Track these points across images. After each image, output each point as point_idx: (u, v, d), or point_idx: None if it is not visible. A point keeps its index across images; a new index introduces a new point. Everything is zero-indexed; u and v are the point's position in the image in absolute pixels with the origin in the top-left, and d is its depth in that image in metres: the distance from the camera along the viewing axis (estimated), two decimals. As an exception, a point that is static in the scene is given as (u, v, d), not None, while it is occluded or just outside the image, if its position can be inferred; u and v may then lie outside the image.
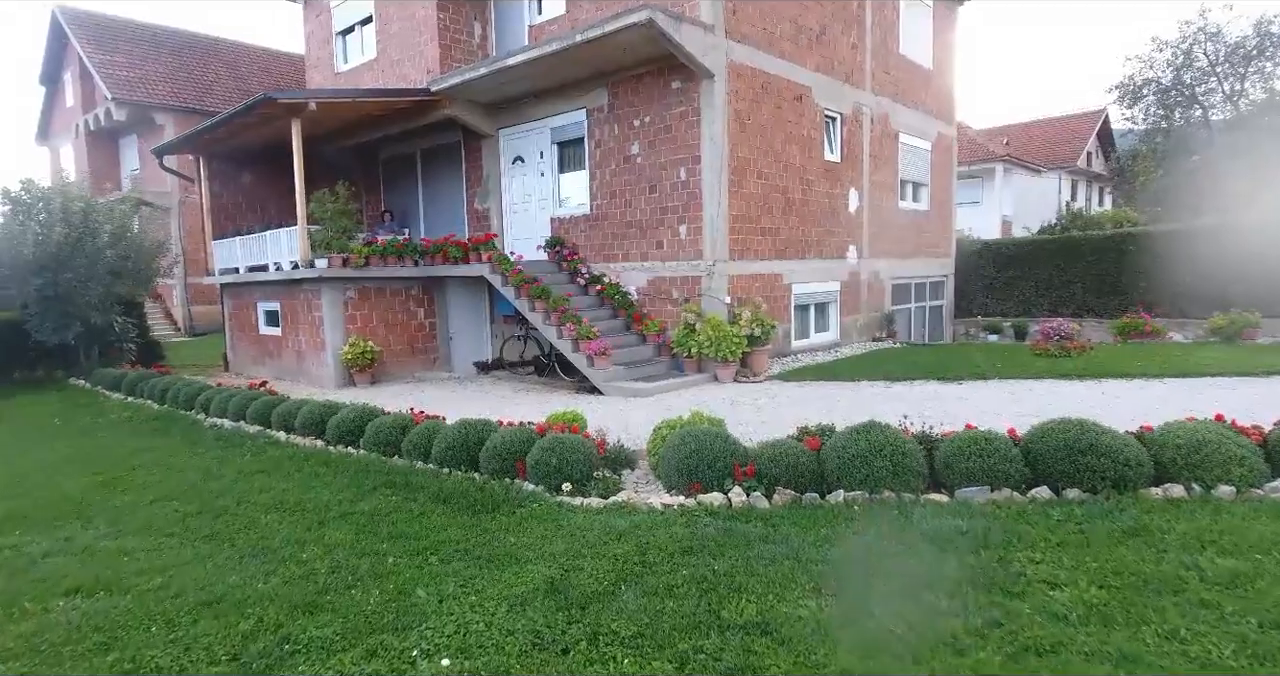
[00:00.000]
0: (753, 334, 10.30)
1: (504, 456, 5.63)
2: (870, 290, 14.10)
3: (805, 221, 12.16)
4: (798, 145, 11.87)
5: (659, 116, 10.83)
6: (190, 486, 6.31)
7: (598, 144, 11.72)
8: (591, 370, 9.84)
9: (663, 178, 10.87)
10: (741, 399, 8.91)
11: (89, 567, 4.53)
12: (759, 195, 11.10)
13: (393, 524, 4.97)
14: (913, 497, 4.67)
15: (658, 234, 11.03)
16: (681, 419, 5.76)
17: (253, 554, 4.59)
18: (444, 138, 14.18)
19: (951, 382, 9.34)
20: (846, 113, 13.05)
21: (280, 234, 12.18)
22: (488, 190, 13.61)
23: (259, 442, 7.83)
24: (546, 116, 12.44)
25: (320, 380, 11.96)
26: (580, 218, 12.14)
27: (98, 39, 25.17)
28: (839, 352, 12.55)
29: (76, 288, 13.41)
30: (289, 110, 11.12)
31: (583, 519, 4.78)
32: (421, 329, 12.87)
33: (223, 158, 14.58)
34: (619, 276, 11.54)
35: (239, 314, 14.36)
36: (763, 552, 4.07)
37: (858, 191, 13.54)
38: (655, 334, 10.82)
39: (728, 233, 10.54)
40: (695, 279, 10.64)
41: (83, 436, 8.98)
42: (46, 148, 30.36)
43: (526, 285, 10.65)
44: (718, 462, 4.96)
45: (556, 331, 10.27)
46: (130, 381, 12.01)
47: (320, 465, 6.64)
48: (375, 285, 12.11)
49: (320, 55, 15.69)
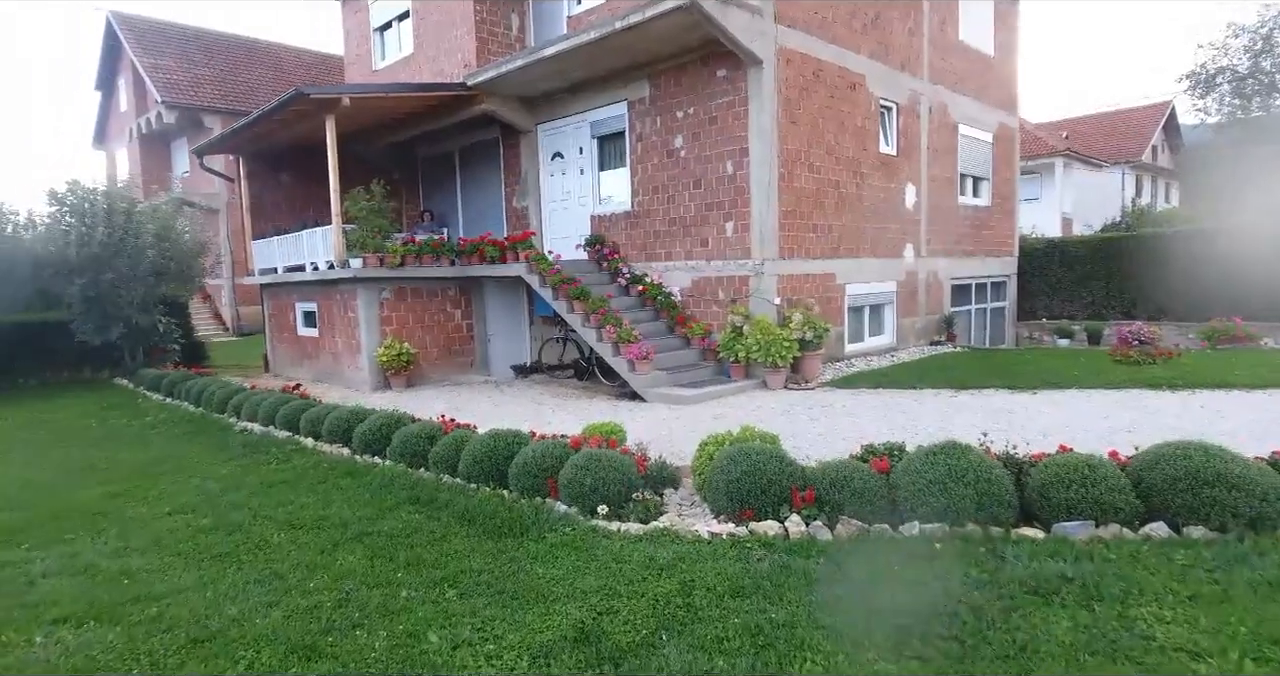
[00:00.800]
0: (804, 337, 9.65)
1: (535, 473, 5.13)
2: (928, 291, 13.30)
3: (859, 218, 11.45)
4: (851, 137, 11.17)
5: (704, 107, 10.26)
6: (208, 497, 5.98)
7: (639, 137, 11.20)
8: (632, 375, 9.32)
9: (708, 172, 10.29)
10: (793, 408, 8.29)
11: (85, 591, 4.17)
12: (810, 190, 10.45)
13: (411, 548, 4.51)
14: (1001, 532, 4.03)
15: (702, 231, 10.46)
16: (731, 434, 5.20)
17: (258, 580, 4.18)
18: (481, 135, 13.82)
19: (1024, 392, 8.56)
20: (903, 102, 12.29)
21: (316, 233, 11.95)
22: (526, 188, 13.21)
23: (285, 450, 7.50)
24: (586, 110, 11.96)
25: (355, 383, 11.68)
26: (621, 215, 11.63)
27: (148, 43, 25.63)
28: (895, 357, 11.80)
29: (119, 288, 13.43)
30: (322, 106, 10.85)
31: (619, 548, 4.26)
32: (458, 330, 12.52)
33: (262, 158, 14.47)
34: (661, 276, 11.00)
35: (278, 315, 14.22)
36: (828, 597, 3.49)
37: (915, 186, 12.75)
38: (700, 337, 10.24)
39: (777, 230, 9.91)
40: (742, 279, 10.04)
41: (114, 440, 8.80)
42: (103, 152, 31.11)
43: (565, 285, 10.18)
44: (773, 487, 4.38)
45: (596, 334, 9.78)
46: (169, 383, 11.91)
47: (344, 476, 6.25)
48: (411, 285, 11.79)
49: (359, 53, 15.50)
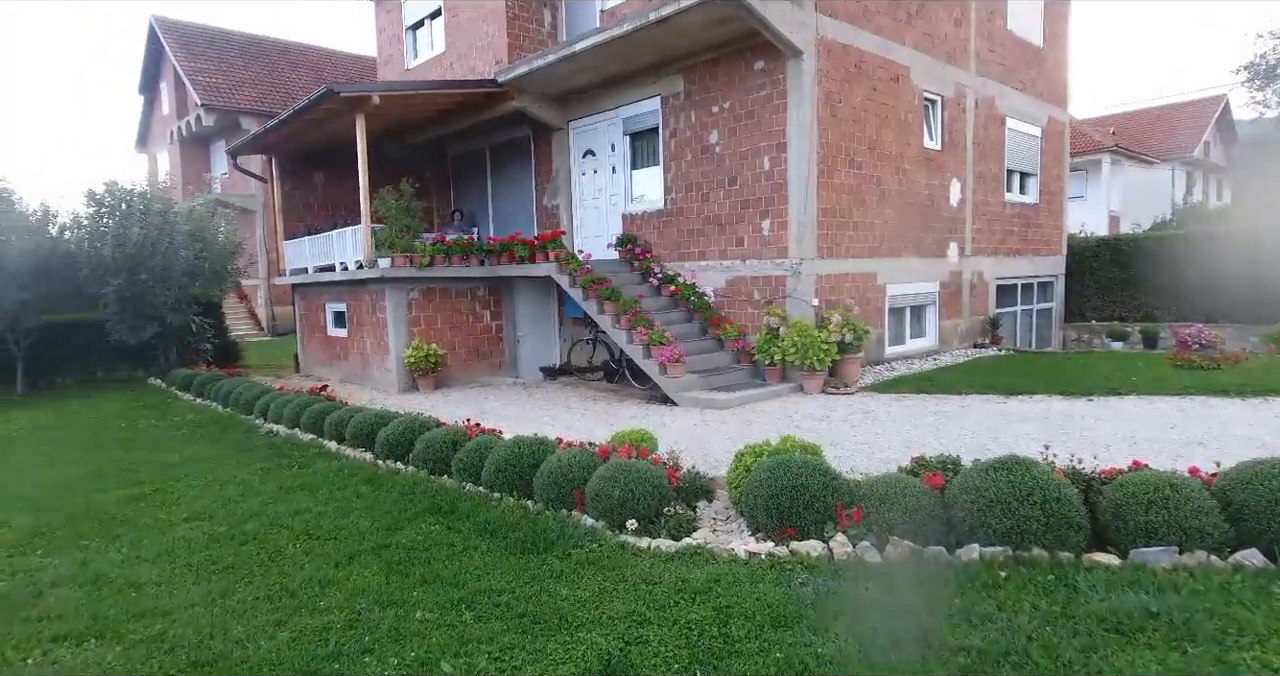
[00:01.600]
0: (843, 340, 9.25)
1: (560, 484, 4.85)
2: (973, 291, 12.76)
3: (902, 215, 10.99)
4: (894, 131, 10.72)
5: (740, 101, 9.91)
6: (226, 503, 5.81)
7: (673, 134, 10.89)
8: (664, 378, 9.01)
9: (744, 168, 9.94)
10: (832, 414, 7.90)
11: (90, 605, 3.99)
12: (851, 186, 10.03)
13: (429, 563, 4.26)
14: (1072, 558, 3.64)
15: (738, 230, 10.11)
16: (769, 444, 4.86)
17: (268, 596, 3.96)
18: (512, 132, 13.63)
19: (1079, 398, 8.06)
20: (948, 95, 11.79)
21: (346, 233, 11.85)
22: (557, 186, 12.98)
23: (308, 453, 7.34)
24: (618, 106, 11.69)
25: (383, 384, 11.55)
26: (653, 213, 11.33)
27: (189, 47, 26.03)
28: (938, 360, 11.31)
29: (153, 288, 13.49)
30: (352, 104, 10.73)
31: (649, 567, 3.95)
32: (487, 331, 12.33)
33: (295, 158, 14.47)
34: (694, 276, 10.67)
35: (309, 315, 14.19)
36: (879, 630, 3.14)
37: (960, 182, 12.24)
38: (734, 339, 9.89)
39: (815, 228, 9.52)
40: (779, 279, 9.66)
41: (141, 441, 8.73)
42: (145, 154, 31.73)
43: (595, 286, 9.91)
44: (816, 503, 4.04)
45: (626, 336, 9.49)
46: (200, 383, 11.91)
47: (364, 483, 6.04)
48: (440, 286, 11.63)
49: (391, 52, 15.43)
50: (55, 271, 13.15)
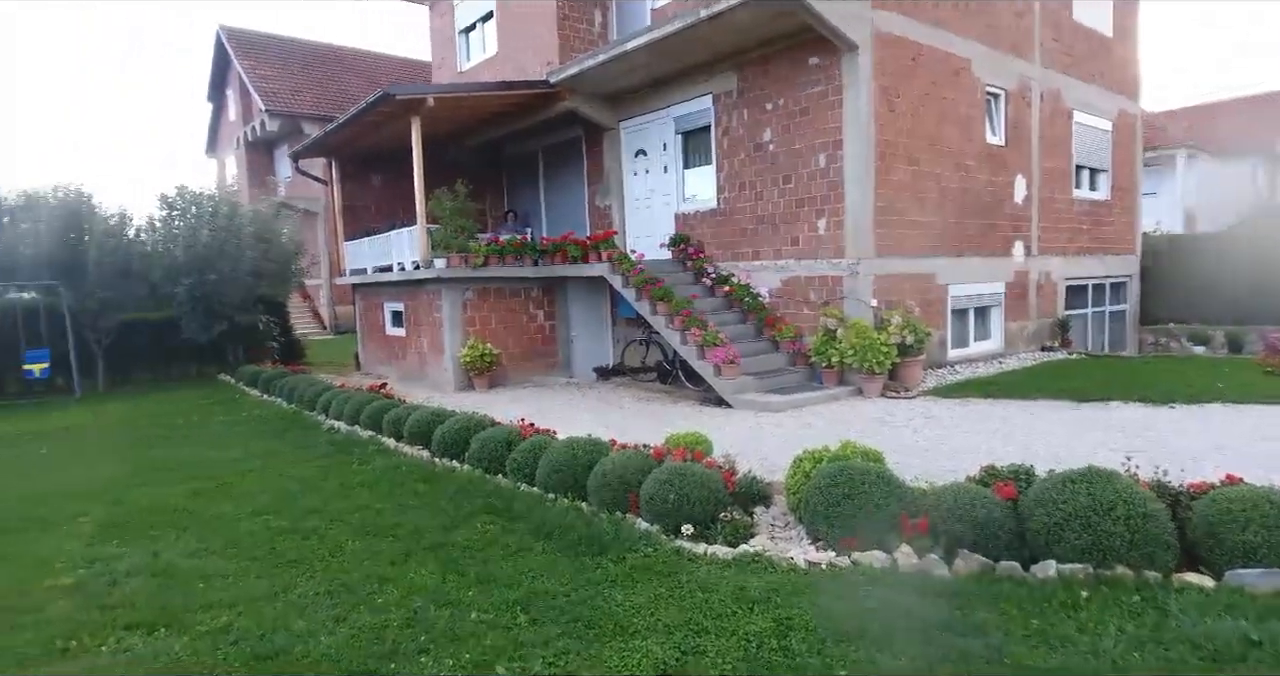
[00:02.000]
0: (903, 342, 8.99)
1: (614, 487, 4.80)
2: (1040, 292, 12.28)
3: (964, 213, 10.64)
4: (954, 126, 10.38)
5: (794, 98, 9.73)
6: (289, 498, 5.94)
7: (725, 132, 10.76)
8: (718, 380, 8.90)
9: (798, 166, 9.76)
10: (892, 418, 7.68)
11: (161, 595, 4.11)
12: (909, 184, 9.75)
13: (484, 562, 4.26)
14: (1160, 578, 3.42)
15: (793, 229, 9.93)
16: (828, 449, 4.72)
17: (328, 591, 4.01)
18: (564, 133, 13.68)
19: (1159, 405, 7.65)
20: (1011, 88, 11.37)
21: (403, 234, 12.06)
22: (609, 186, 12.97)
23: (368, 450, 7.47)
24: (669, 105, 11.61)
25: (440, 383, 11.72)
26: (706, 213, 11.22)
27: (253, 54, 26.94)
28: (1003, 364, 10.92)
29: (221, 288, 13.98)
30: (408, 107, 10.91)
31: (706, 574, 3.87)
32: (541, 331, 12.40)
33: (354, 161, 14.81)
34: (748, 276, 10.52)
35: (369, 314, 14.51)
36: (948, 649, 2.99)
37: (1025, 179, 11.79)
38: (789, 341, 9.72)
39: (873, 226, 9.27)
40: (836, 279, 9.45)
41: (209, 437, 9.03)
42: (214, 159, 32.97)
43: (648, 286, 9.86)
44: (879, 512, 3.90)
45: (680, 337, 9.41)
46: (265, 380, 12.29)
47: (421, 481, 6.10)
48: (494, 286, 11.74)
49: (444, 55, 15.66)
50: (132, 272, 13.74)
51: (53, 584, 4.39)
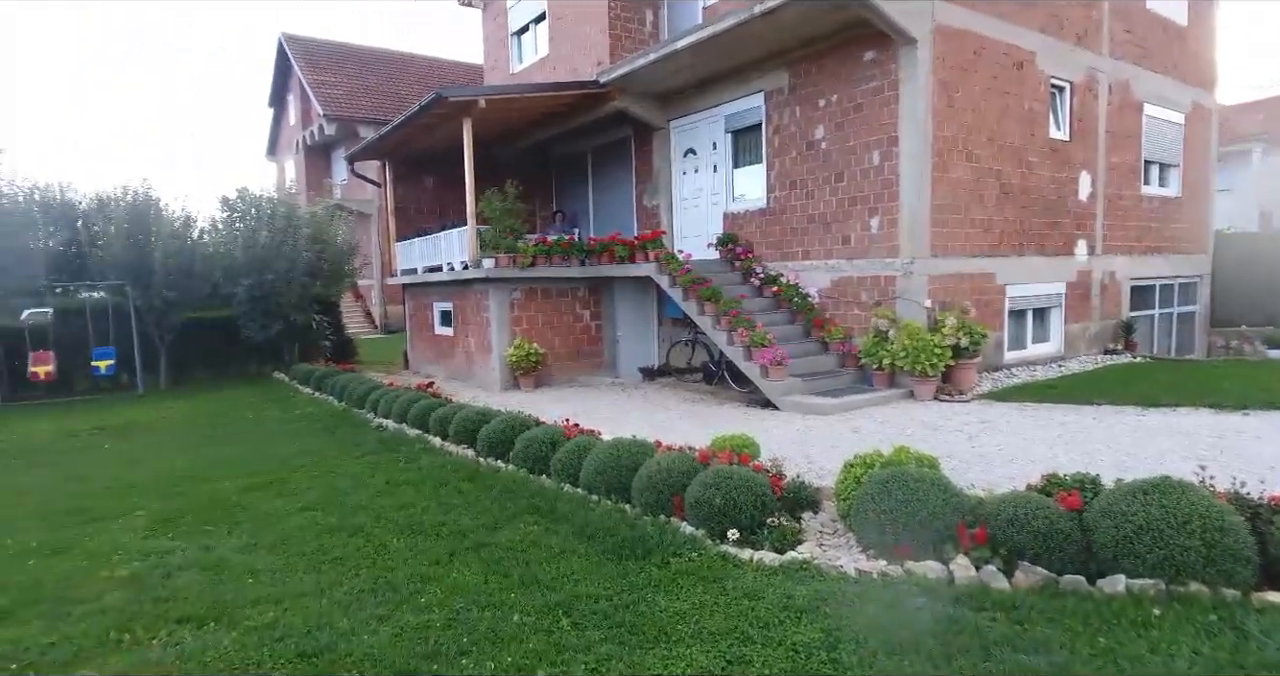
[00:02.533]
0: (958, 344, 8.70)
1: (659, 489, 4.73)
2: (1103, 293, 11.78)
3: (1024, 211, 10.26)
4: (1016, 121, 10.01)
5: (848, 94, 9.51)
6: (337, 495, 6.02)
7: (776, 130, 10.59)
8: (765, 381, 8.75)
9: (851, 164, 9.53)
10: (946, 422, 7.43)
11: (212, 590, 4.19)
12: (968, 181, 9.44)
13: (526, 564, 4.23)
14: (1238, 596, 3.19)
15: (844, 228, 9.71)
16: (881, 454, 4.56)
17: (373, 590, 4.03)
18: (614, 134, 13.67)
19: (1232, 412, 7.23)
20: (1077, 81, 10.92)
21: (453, 234, 12.20)
22: (657, 186, 12.91)
23: (414, 449, 7.55)
24: (719, 103, 11.49)
25: (486, 382, 11.82)
26: (755, 212, 11.06)
27: (313, 61, 27.67)
28: (1063, 367, 10.49)
29: (278, 288, 14.37)
30: (460, 109, 11.02)
31: (752, 581, 3.76)
32: (587, 331, 12.41)
33: (407, 162, 15.06)
34: (798, 277, 10.33)
35: (418, 314, 14.73)
36: (1008, 666, 2.84)
37: (1090, 175, 11.32)
38: (839, 342, 9.51)
39: (929, 225, 9.00)
40: (889, 279, 9.21)
41: (263, 433, 9.27)
42: (274, 163, 34.01)
43: (695, 286, 9.76)
44: (935, 521, 3.74)
45: (727, 337, 9.29)
46: (318, 378, 12.56)
47: (465, 480, 6.12)
48: (541, 286, 11.79)
49: (497, 57, 15.81)
50: (195, 272, 14.21)
51: (109, 575, 4.51)
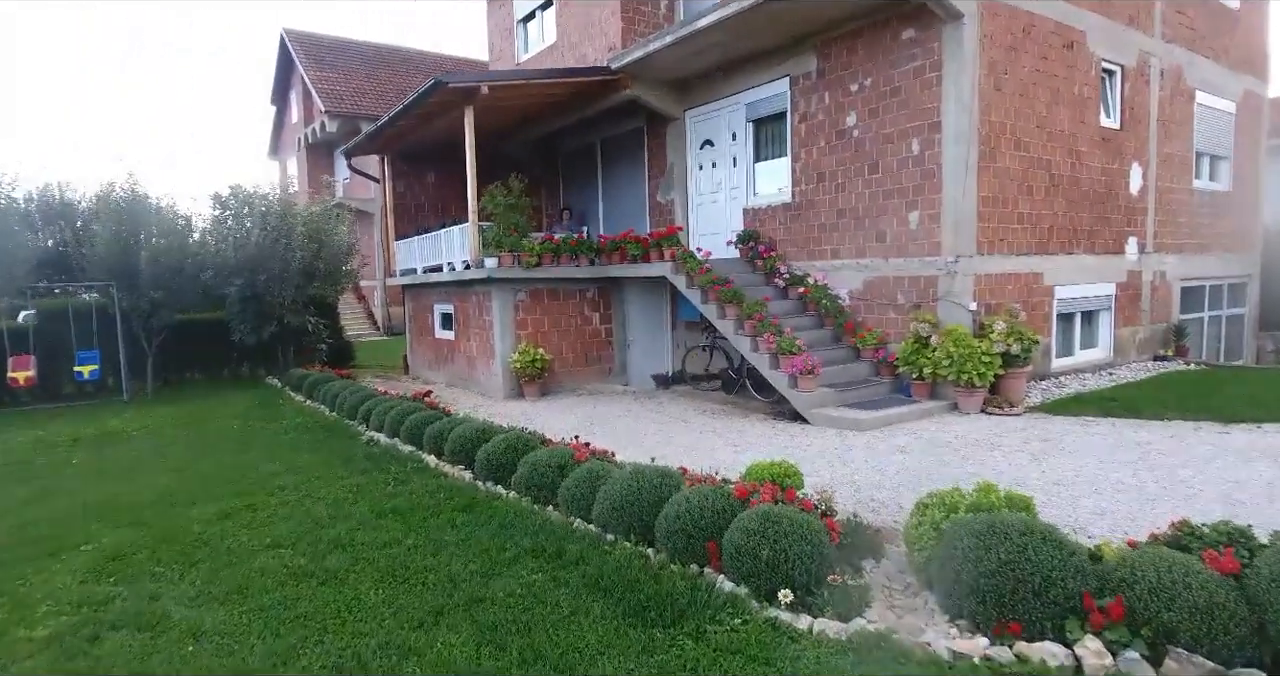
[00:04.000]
0: (1008, 351, 7.87)
1: (690, 533, 3.91)
2: (1154, 294, 10.91)
3: (1074, 206, 9.41)
4: (1067, 107, 9.17)
5: (884, 77, 8.68)
6: (314, 527, 5.23)
7: (802, 118, 9.77)
8: (794, 392, 7.93)
9: (887, 154, 8.70)
10: (1002, 440, 6.59)
11: (140, 659, 3.41)
12: (1016, 172, 8.60)
13: (529, 630, 3.42)
14: None
15: (879, 224, 8.88)
16: (960, 493, 3.73)
17: (335, 666, 3.23)
18: (625, 125, 12.87)
19: (1332, 430, 6.38)
20: (1129, 65, 10.07)
21: (454, 232, 11.44)
22: (671, 180, 12.10)
23: (405, 468, 6.75)
24: (740, 90, 10.67)
25: (489, 390, 11.03)
26: (779, 207, 10.24)
27: (315, 56, 26.98)
28: (1114, 375, 9.64)
29: (271, 288, 13.62)
30: (461, 97, 10.24)
31: (814, 661, 2.95)
32: (596, 336, 11.60)
33: (407, 157, 14.30)
34: (826, 277, 9.51)
35: (418, 316, 13.97)
36: None
37: (1140, 167, 10.46)
38: (873, 348, 8.68)
39: (975, 220, 8.17)
40: (929, 280, 8.37)
41: (247, 445, 8.49)
42: (276, 162, 33.35)
43: (715, 287, 8.95)
44: (1052, 587, 2.91)
45: (750, 343, 8.47)
46: (310, 384, 11.80)
47: (460, 510, 5.32)
48: (547, 287, 11.00)
49: (502, 47, 15.03)
50: (184, 272, 13.46)
51: (28, 635, 3.74)
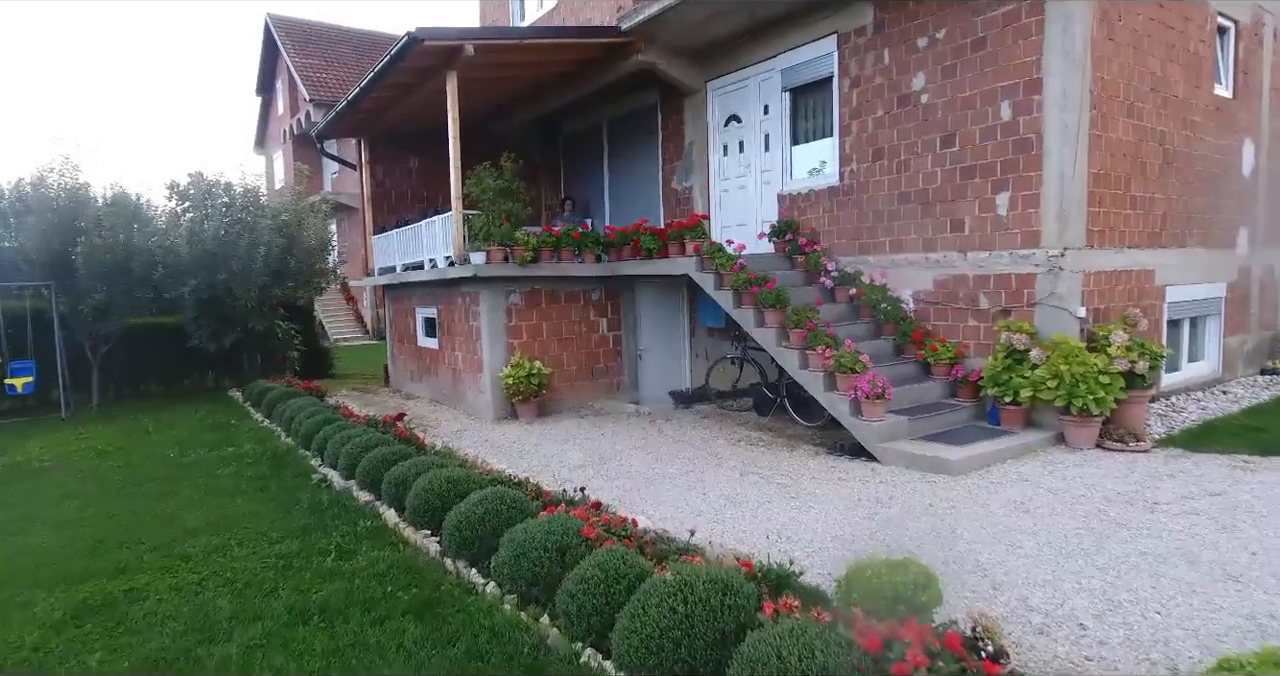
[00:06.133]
0: (1132, 370, 6.19)
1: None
2: (1263, 296, 9.24)
3: (1188, 188, 7.74)
4: (1181, 67, 7.49)
5: (963, 27, 7.01)
6: (202, 638, 3.58)
7: (854, 83, 8.09)
8: (857, 420, 6.25)
9: (967, 121, 7.03)
10: (1154, 493, 4.90)
11: None
12: (1130, 145, 6.92)
13: None
14: None
15: (955, 209, 7.20)
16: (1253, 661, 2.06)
17: None
18: (636, 100, 11.19)
19: None
20: (1244, 20, 8.39)
21: (435, 222, 9.77)
22: (690, 163, 10.42)
23: (356, 528, 5.09)
24: (775, 55, 8.99)
25: (477, 408, 9.36)
26: (823, 191, 8.56)
27: (301, 43, 25.45)
28: (1231, 394, 7.95)
29: (233, 290, 11.96)
30: (443, 59, 8.57)
31: None
32: (603, 343, 9.92)
33: (386, 139, 12.64)
34: (884, 275, 7.83)
35: (399, 321, 12.31)
36: None
37: (1253, 143, 8.78)
38: (946, 363, 7.02)
39: (1085, 204, 6.49)
40: (1024, 279, 6.69)
41: (177, 483, 6.80)
42: (263, 156, 31.69)
43: (753, 288, 7.26)
44: None
45: (799, 357, 6.79)
46: (270, 401, 10.10)
47: (414, 615, 3.65)
48: (546, 287, 9.32)
49: (495, 16, 13.36)
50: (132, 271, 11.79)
51: None
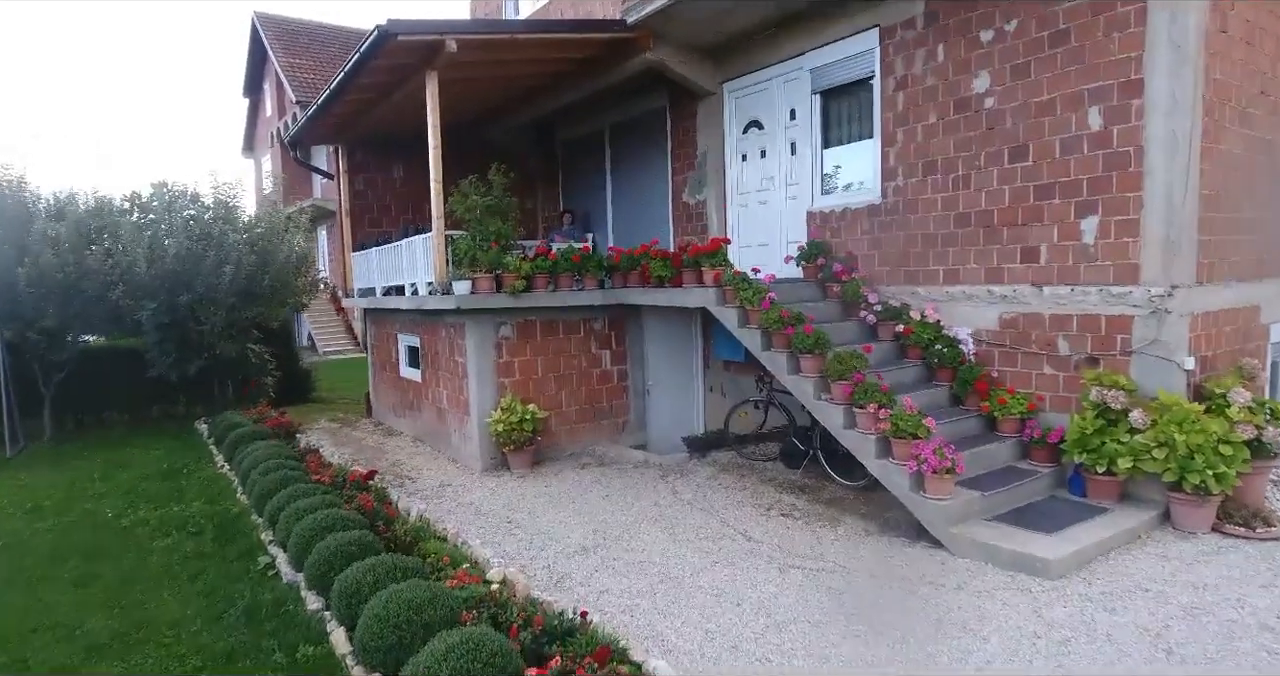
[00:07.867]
0: (1259, 437, 5.05)
1: None
2: (1361, 329, 8.09)
3: (1293, 208, 6.62)
4: (1288, 66, 6.37)
5: (1040, 17, 5.87)
6: None
7: (900, 84, 6.95)
8: (920, 499, 5.10)
9: (1044, 130, 5.89)
10: (1336, 624, 3.76)
11: None
12: (1241, 158, 5.79)
13: None
14: None
15: (1026, 235, 6.06)
16: None
17: None
18: (643, 104, 10.05)
19: None
20: (1347, 13, 7.26)
21: (415, 243, 8.64)
22: (704, 174, 9.28)
23: (297, 656, 3.96)
24: (802, 52, 7.86)
25: (463, 456, 8.22)
26: (861, 210, 7.42)
27: (289, 43, 24.43)
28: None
29: (197, 312, 10.82)
30: (421, 57, 7.44)
31: None
32: (606, 379, 8.78)
33: (366, 146, 11.49)
34: (937, 310, 6.69)
35: (381, 347, 11.17)
36: None
37: (1354, 155, 7.64)
38: (1016, 419, 5.89)
39: (1196, 231, 5.35)
40: (1117, 321, 5.55)
41: (99, 562, 5.64)
42: (251, 160, 30.58)
43: (788, 329, 6.11)
44: None
45: (844, 415, 5.65)
46: (233, 442, 8.96)
47: None
48: (541, 318, 8.18)
49: (486, 11, 12.22)
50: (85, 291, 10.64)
51: None
